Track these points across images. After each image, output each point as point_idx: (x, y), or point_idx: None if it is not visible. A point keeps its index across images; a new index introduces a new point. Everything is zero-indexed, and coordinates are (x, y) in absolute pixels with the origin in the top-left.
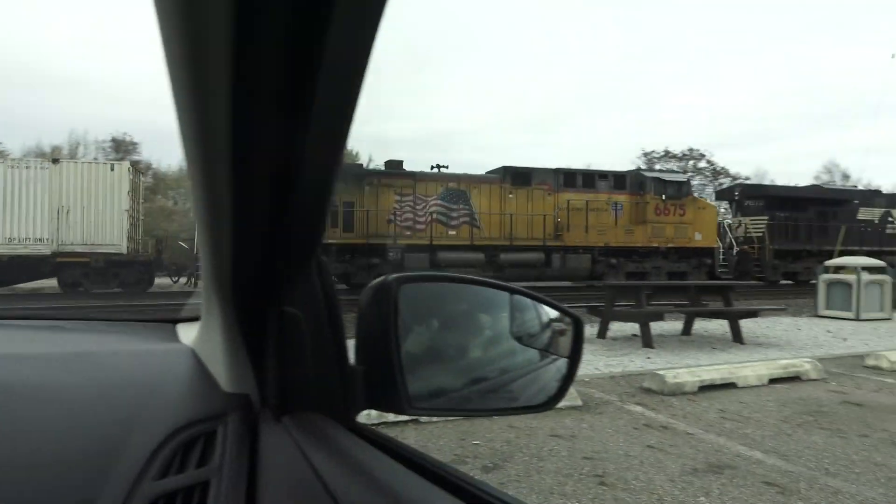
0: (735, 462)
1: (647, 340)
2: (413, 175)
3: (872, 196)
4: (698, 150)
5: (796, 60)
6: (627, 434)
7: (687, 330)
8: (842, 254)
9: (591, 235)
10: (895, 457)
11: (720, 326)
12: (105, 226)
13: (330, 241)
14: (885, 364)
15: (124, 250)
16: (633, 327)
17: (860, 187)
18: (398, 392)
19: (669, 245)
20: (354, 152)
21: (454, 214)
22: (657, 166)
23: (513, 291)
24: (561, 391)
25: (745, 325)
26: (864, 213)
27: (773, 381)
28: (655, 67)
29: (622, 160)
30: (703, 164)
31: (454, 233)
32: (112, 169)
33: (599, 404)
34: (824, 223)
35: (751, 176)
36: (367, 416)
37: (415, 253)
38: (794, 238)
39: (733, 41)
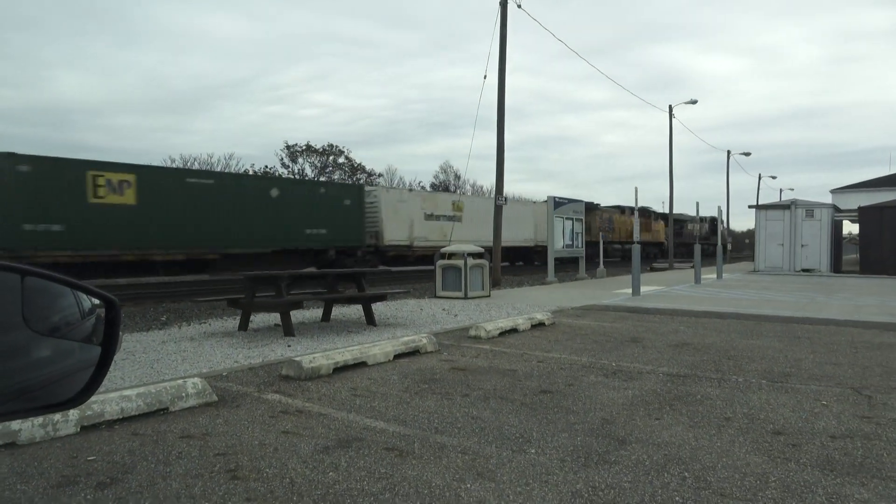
0: (362, 434)
1: (288, 329)
2: (597, 207)
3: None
4: (338, 147)
5: (419, 74)
6: (263, 423)
7: (326, 316)
8: None
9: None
10: (487, 409)
11: (357, 311)
12: (526, 230)
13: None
14: (482, 334)
15: (532, 244)
16: (275, 317)
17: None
18: None
19: None
20: None
21: (609, 227)
22: (300, 160)
23: (25, 273)
24: (93, 382)
25: (379, 308)
26: None
27: (397, 356)
28: (296, 67)
29: (267, 151)
30: (342, 159)
31: (608, 235)
32: (524, 205)
33: (237, 397)
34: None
35: (383, 172)
36: None
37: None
38: None
39: (367, 50)
